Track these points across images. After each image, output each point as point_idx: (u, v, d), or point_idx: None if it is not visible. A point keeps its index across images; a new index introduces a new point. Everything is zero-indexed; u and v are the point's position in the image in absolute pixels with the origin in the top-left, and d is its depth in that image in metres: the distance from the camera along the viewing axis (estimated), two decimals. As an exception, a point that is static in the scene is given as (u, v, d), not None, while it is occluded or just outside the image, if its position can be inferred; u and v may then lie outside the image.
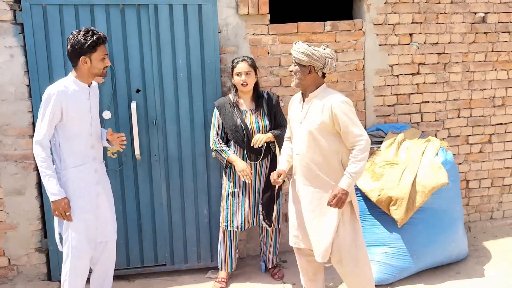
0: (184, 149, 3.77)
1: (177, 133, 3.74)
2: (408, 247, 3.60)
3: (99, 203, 3.06)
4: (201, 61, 3.70)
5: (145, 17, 3.57)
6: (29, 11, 3.42)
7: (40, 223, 3.67)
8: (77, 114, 2.92)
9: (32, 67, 3.48)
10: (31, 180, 3.61)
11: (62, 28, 3.48)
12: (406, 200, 3.51)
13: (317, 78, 2.95)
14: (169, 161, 3.76)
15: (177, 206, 3.82)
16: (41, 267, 3.73)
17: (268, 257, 3.82)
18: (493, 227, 4.61)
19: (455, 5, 4.22)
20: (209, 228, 3.88)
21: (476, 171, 4.56)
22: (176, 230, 3.84)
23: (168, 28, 3.61)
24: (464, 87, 4.39)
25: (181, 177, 3.79)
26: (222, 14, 3.76)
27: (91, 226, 3.03)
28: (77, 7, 3.48)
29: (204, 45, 3.68)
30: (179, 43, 3.64)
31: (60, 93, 2.85)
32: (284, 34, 3.92)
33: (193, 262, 3.90)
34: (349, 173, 2.85)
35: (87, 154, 3.00)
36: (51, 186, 2.85)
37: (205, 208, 3.85)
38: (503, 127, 4.56)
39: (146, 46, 3.61)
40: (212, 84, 3.73)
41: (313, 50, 2.87)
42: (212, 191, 3.84)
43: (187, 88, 3.71)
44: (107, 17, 3.53)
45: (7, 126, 3.53)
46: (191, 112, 3.74)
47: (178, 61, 3.66)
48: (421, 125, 4.33)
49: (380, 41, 4.12)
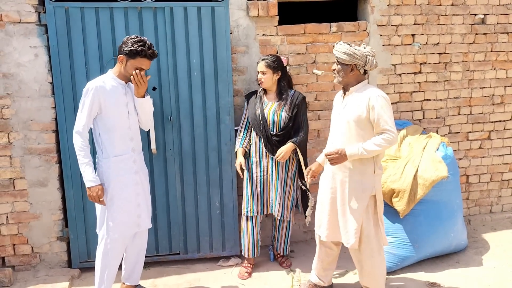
0: (197, 144, 3.93)
1: (191, 128, 3.90)
2: (410, 237, 3.77)
3: (138, 192, 3.25)
4: (214, 60, 3.84)
5: (161, 19, 3.73)
6: (53, 13, 3.59)
7: (62, 213, 3.87)
8: (114, 107, 3.11)
9: (55, 66, 3.66)
10: (54, 173, 3.81)
11: (83, 30, 3.65)
12: (408, 193, 3.69)
13: (359, 75, 3.12)
14: (183, 156, 3.92)
15: (190, 198, 3.98)
16: (62, 255, 3.93)
17: (279, 245, 3.99)
18: (492, 220, 4.77)
19: (456, 7, 4.39)
20: (220, 220, 4.05)
21: (475, 167, 4.72)
22: (190, 221, 4.01)
23: (183, 29, 3.77)
24: (464, 85, 4.55)
25: (195, 170, 3.95)
26: (233, 16, 3.95)
27: (133, 214, 3.22)
28: (97, 9, 3.65)
29: (216, 45, 3.83)
30: (193, 43, 3.79)
31: (98, 88, 3.05)
32: (292, 35, 4.11)
33: (206, 251, 4.07)
34: (362, 147, 3.01)
35: (126, 145, 3.19)
36: (87, 174, 3.04)
37: (217, 200, 4.01)
38: (502, 124, 4.71)
39: (162, 46, 3.75)
40: (224, 82, 3.88)
41: (354, 50, 3.03)
42: (224, 184, 4.01)
43: (201, 86, 3.86)
44: (125, 18, 3.69)
45: (31, 122, 3.73)
46: (204, 109, 3.89)
47: (192, 61, 3.82)
48: (423, 122, 4.50)
49: (383, 42, 4.29)
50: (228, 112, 3.93)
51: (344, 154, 3.04)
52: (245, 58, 4.03)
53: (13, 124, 3.71)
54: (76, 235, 3.86)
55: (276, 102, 3.73)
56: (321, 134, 4.28)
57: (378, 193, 3.16)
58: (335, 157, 3.06)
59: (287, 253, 4.05)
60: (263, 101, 3.75)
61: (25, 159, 3.76)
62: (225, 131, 3.95)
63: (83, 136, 3.06)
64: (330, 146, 3.24)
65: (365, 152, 3.00)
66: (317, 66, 4.15)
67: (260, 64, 3.69)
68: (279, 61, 3.71)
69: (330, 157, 3.07)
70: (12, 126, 3.71)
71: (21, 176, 3.77)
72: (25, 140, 3.74)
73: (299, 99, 3.73)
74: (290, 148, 3.65)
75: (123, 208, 3.18)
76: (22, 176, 3.77)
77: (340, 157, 3.05)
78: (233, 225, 4.07)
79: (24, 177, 3.78)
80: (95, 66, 3.71)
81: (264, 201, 3.79)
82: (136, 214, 3.25)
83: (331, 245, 3.39)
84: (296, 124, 3.72)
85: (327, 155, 3.09)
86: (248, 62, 4.04)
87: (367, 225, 3.16)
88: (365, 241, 3.17)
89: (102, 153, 3.16)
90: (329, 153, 3.08)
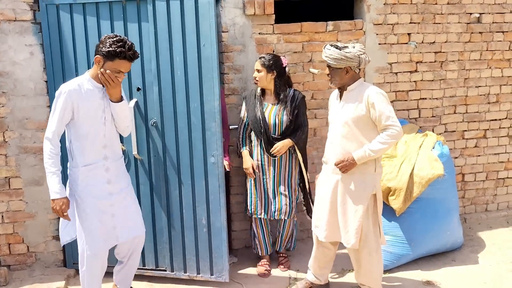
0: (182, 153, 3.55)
1: (175, 135, 3.55)
2: (406, 235, 3.78)
3: (112, 203, 2.98)
4: (198, 58, 3.43)
5: (144, 14, 3.45)
6: (45, 10, 3.54)
7: (57, 212, 3.86)
8: (89, 113, 2.87)
9: (48, 65, 3.63)
10: (49, 171, 3.80)
11: (72, 26, 3.54)
12: (404, 191, 3.70)
13: (354, 74, 3.11)
14: (168, 164, 3.59)
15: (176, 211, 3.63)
16: (57, 254, 3.91)
17: (283, 244, 3.95)
18: (488, 218, 4.79)
19: (452, 6, 4.40)
20: (208, 240, 3.62)
21: (471, 165, 4.74)
22: (176, 236, 3.65)
23: (166, 24, 3.44)
24: (460, 84, 4.56)
25: (180, 182, 3.59)
26: (229, 14, 3.94)
27: (108, 225, 2.97)
28: (84, 5, 3.50)
29: (200, 41, 3.42)
30: (176, 39, 3.44)
31: (72, 91, 2.81)
32: (288, 33, 4.10)
33: (193, 272, 3.68)
34: (368, 149, 3.00)
35: (98, 153, 2.93)
36: (53, 184, 2.82)
37: (203, 217, 3.60)
38: (497, 122, 4.73)
39: (146, 43, 3.48)
40: (209, 83, 3.44)
41: (345, 54, 2.99)
42: (211, 200, 3.56)
43: (184, 87, 3.48)
44: (110, 14, 3.49)
45: (27, 120, 3.71)
46: (187, 114, 3.51)
47: (175, 59, 3.45)
48: (419, 120, 4.51)
49: (379, 40, 4.30)
50: (214, 118, 3.44)
51: (353, 159, 3.04)
52: (242, 57, 4.02)
53: (9, 122, 3.69)
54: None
55: (276, 104, 3.71)
56: (318, 133, 4.28)
57: (379, 192, 3.17)
58: (345, 165, 3.06)
59: (295, 248, 4.02)
60: (262, 103, 3.73)
61: (20, 158, 3.74)
62: (211, 140, 3.48)
63: (53, 143, 2.82)
64: (330, 146, 3.24)
65: (372, 153, 3.00)
66: (313, 64, 4.15)
67: (256, 62, 3.71)
68: (277, 60, 3.68)
69: (340, 165, 3.07)
70: (8, 124, 3.69)
71: (17, 175, 3.75)
72: (20, 139, 3.72)
73: (299, 99, 3.70)
74: (287, 144, 3.65)
75: (96, 219, 2.94)
76: (18, 175, 3.75)
77: (349, 164, 3.05)
78: (221, 247, 3.58)
79: (20, 176, 3.76)
80: (83, 64, 3.56)
81: (268, 204, 3.77)
82: (111, 225, 2.99)
83: (328, 245, 3.40)
84: (297, 125, 3.72)
85: (337, 164, 3.09)
86: (245, 60, 4.04)
87: (366, 224, 3.16)
88: (364, 240, 3.18)
89: (72, 160, 2.94)
90: (338, 162, 3.09)
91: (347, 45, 3.08)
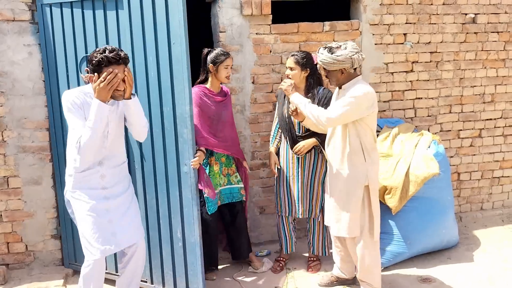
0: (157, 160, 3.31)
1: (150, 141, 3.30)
2: (402, 233, 3.81)
3: (108, 208, 2.85)
4: (169, 58, 3.13)
5: (121, 11, 3.27)
6: (41, 10, 3.56)
7: (56, 211, 3.87)
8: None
9: (45, 64, 3.65)
10: (48, 171, 3.81)
11: (62, 26, 3.49)
12: (400, 189, 3.73)
13: (350, 74, 3.14)
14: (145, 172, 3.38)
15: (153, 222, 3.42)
16: (56, 253, 3.93)
17: (315, 246, 3.89)
18: (483, 217, 4.83)
19: (447, 6, 4.44)
20: (183, 255, 3.33)
21: (467, 164, 4.78)
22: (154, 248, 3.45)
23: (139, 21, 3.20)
24: (455, 84, 4.60)
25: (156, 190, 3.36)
26: (227, 15, 3.97)
27: (105, 230, 2.82)
28: (72, 3, 3.43)
29: (171, 39, 3.11)
30: (149, 38, 3.18)
31: (79, 96, 2.74)
32: (285, 33, 4.13)
33: (170, 287, 3.44)
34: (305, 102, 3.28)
35: (94, 163, 2.82)
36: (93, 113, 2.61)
37: (178, 230, 3.32)
38: (492, 122, 4.77)
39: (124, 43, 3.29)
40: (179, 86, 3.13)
41: (337, 57, 3.01)
42: (185, 213, 3.27)
43: (158, 90, 3.22)
44: (93, 13, 3.36)
45: (25, 120, 3.73)
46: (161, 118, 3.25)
47: (148, 58, 3.20)
48: (415, 120, 4.55)
49: (376, 41, 4.33)
50: (186, 125, 3.14)
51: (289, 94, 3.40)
52: (239, 57, 4.05)
53: (7, 122, 3.71)
54: (67, 233, 3.84)
55: None
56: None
57: (372, 184, 3.18)
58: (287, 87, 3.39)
59: (327, 254, 3.88)
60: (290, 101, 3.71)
61: (19, 157, 3.76)
62: (184, 148, 3.19)
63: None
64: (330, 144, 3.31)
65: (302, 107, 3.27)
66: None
67: (289, 60, 3.63)
68: (309, 58, 3.60)
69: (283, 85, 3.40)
70: (6, 124, 3.71)
71: (15, 174, 3.77)
72: (19, 138, 3.74)
73: (327, 97, 3.57)
74: (311, 143, 3.61)
75: (94, 223, 2.79)
76: (16, 174, 3.77)
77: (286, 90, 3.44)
78: (196, 265, 3.28)
79: (18, 175, 3.78)
80: (72, 65, 3.51)
81: (292, 203, 3.80)
82: (110, 232, 2.84)
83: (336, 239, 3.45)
84: None
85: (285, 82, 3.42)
86: (242, 60, 4.07)
87: (362, 217, 3.21)
88: (360, 233, 3.22)
89: (68, 167, 2.85)
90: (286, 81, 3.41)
91: (341, 44, 3.11)
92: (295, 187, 3.76)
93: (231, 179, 3.78)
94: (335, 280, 3.62)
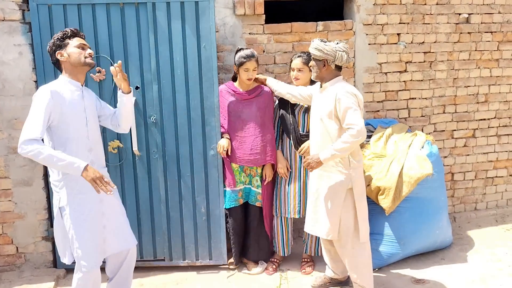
0: (181, 147, 3.77)
1: (174, 130, 3.75)
2: (396, 234, 3.79)
3: (103, 211, 2.85)
4: (198, 58, 3.68)
5: (143, 15, 3.61)
6: (36, 10, 3.53)
7: (47, 212, 3.83)
8: (72, 115, 2.74)
9: (39, 65, 3.61)
10: (38, 172, 3.78)
11: (66, 27, 3.48)
12: (393, 190, 3.71)
13: (331, 70, 3.17)
14: (167, 159, 3.77)
15: (175, 203, 3.82)
16: (47, 255, 3.89)
17: (309, 247, 3.91)
18: (477, 217, 4.82)
19: (441, 6, 4.43)
20: (207, 227, 3.88)
21: (460, 164, 4.77)
22: (174, 226, 3.85)
23: (166, 25, 3.63)
24: (449, 84, 4.59)
25: (179, 174, 3.79)
26: (220, 14, 3.95)
27: (99, 237, 2.82)
28: (80, 6, 3.54)
29: (200, 42, 3.66)
30: (176, 40, 3.64)
31: (54, 92, 2.68)
32: (278, 33, 4.12)
33: (191, 259, 3.91)
34: (333, 149, 3.05)
35: (84, 157, 2.73)
36: (67, 159, 2.55)
37: (202, 206, 3.84)
38: (486, 122, 4.76)
39: (145, 44, 3.64)
40: (209, 82, 3.71)
41: (324, 46, 3.09)
42: (210, 189, 3.82)
43: (184, 85, 3.71)
44: (107, 15, 3.59)
45: (16, 120, 3.69)
46: (188, 110, 3.73)
47: (175, 59, 3.66)
48: (409, 120, 4.54)
49: (369, 41, 4.32)
50: (214, 114, 3.73)
51: (318, 158, 3.10)
52: (232, 57, 4.02)
53: (-3, 123, 3.67)
54: (61, 235, 3.82)
55: None
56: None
57: (357, 186, 3.19)
58: (308, 164, 3.14)
59: (319, 254, 3.88)
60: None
61: (9, 158, 3.72)
62: (211, 134, 3.76)
63: (40, 143, 2.55)
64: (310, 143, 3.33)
65: (338, 153, 3.04)
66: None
67: (295, 61, 3.63)
68: None
69: (306, 164, 3.15)
70: (-4, 125, 3.68)
71: (6, 175, 3.73)
72: (9, 139, 3.70)
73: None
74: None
75: (90, 230, 2.76)
76: (7, 176, 3.74)
77: (312, 163, 3.12)
78: (220, 233, 3.87)
79: (9, 177, 3.74)
80: None
81: (290, 202, 3.77)
82: (102, 238, 2.84)
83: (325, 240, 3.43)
84: None
85: (304, 162, 3.17)
86: (235, 60, 4.04)
87: (347, 219, 3.20)
88: (346, 234, 3.22)
89: (54, 172, 2.77)
90: (305, 160, 3.17)
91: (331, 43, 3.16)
92: (296, 186, 3.75)
93: (253, 181, 3.82)
94: (328, 282, 3.60)
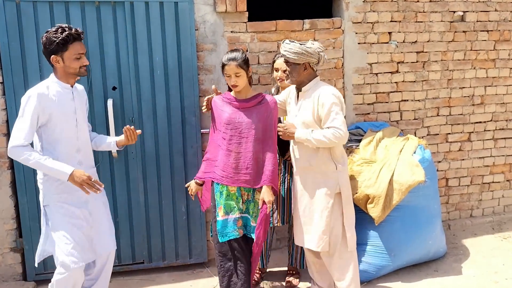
0: (161, 147, 3.75)
1: (154, 130, 3.72)
2: (386, 245, 3.61)
3: (90, 211, 2.89)
4: (178, 58, 3.68)
5: (121, 15, 3.54)
6: (2, 7, 3.37)
7: (15, 222, 3.61)
8: (61, 116, 2.76)
9: (5, 64, 3.42)
10: (5, 179, 3.56)
11: (36, 26, 3.43)
12: (383, 198, 3.52)
13: (311, 73, 3.06)
14: (146, 159, 3.74)
15: (154, 204, 3.80)
16: (16, 267, 3.68)
17: (295, 258, 3.69)
18: (472, 225, 4.64)
19: (434, 3, 4.24)
20: (187, 226, 3.88)
21: (455, 169, 4.59)
22: (154, 228, 3.83)
23: (145, 25, 3.59)
24: (443, 85, 4.41)
25: (158, 175, 3.77)
26: (199, 12, 3.74)
27: (87, 236, 2.84)
28: (52, 4, 3.43)
29: (180, 42, 3.66)
30: (156, 40, 3.62)
31: (41, 95, 2.69)
32: (262, 32, 3.91)
33: (171, 259, 3.90)
34: (311, 136, 2.95)
35: (72, 158, 2.81)
36: (55, 166, 2.65)
37: (182, 205, 3.83)
38: (482, 125, 4.59)
39: (123, 44, 3.58)
40: (189, 81, 3.71)
41: (306, 48, 2.96)
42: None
43: (164, 85, 3.68)
44: (82, 14, 3.49)
45: (-20, 125, 3.49)
46: (168, 110, 3.71)
47: (154, 59, 3.64)
48: (401, 123, 4.34)
49: (359, 40, 4.12)
50: (194, 113, 3.75)
51: (293, 134, 3.04)
52: (213, 56, 3.81)
53: (-40, 127, 3.46)
54: (31, 246, 3.60)
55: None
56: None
57: (344, 191, 3.09)
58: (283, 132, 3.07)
59: (304, 267, 3.63)
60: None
61: (-27, 164, 3.50)
62: (191, 133, 3.77)
63: (28, 149, 2.65)
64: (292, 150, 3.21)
65: (313, 141, 2.96)
66: None
67: (279, 60, 3.40)
68: None
69: (281, 132, 3.09)
70: (-41, 129, 3.46)
71: (-30, 183, 3.52)
72: (-27, 145, 3.49)
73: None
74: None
75: (75, 227, 2.78)
76: (-29, 183, 3.52)
77: (287, 132, 3.06)
78: (200, 231, 3.90)
79: (-27, 184, 3.53)
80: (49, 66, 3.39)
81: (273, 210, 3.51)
82: (90, 238, 2.87)
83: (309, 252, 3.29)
84: None
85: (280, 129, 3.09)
86: (216, 60, 3.82)
87: (335, 226, 3.08)
88: (334, 243, 3.10)
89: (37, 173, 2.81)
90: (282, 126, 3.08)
91: (306, 42, 3.04)
92: (279, 194, 3.55)
93: (250, 208, 3.17)
94: None
